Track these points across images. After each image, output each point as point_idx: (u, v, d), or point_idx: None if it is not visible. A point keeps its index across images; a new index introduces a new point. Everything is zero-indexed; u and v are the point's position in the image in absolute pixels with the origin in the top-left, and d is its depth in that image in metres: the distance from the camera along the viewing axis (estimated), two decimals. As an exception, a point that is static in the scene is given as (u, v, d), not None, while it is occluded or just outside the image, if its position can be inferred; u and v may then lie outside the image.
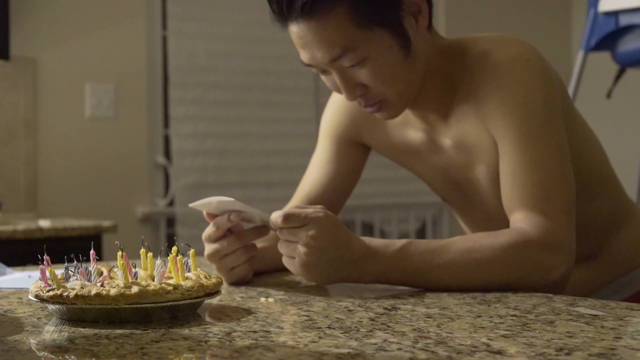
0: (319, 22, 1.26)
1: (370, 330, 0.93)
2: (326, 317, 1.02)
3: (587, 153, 1.44)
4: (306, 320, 1.00)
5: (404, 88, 1.34)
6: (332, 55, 1.28)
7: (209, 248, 1.29)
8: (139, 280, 1.03)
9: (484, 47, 1.34)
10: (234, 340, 0.89)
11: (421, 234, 4.30)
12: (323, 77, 1.36)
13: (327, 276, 1.22)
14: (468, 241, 1.24)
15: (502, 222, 1.34)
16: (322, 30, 1.27)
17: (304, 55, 1.31)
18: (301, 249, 1.19)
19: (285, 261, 1.23)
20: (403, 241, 1.24)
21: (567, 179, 1.28)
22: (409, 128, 1.46)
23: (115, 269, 1.06)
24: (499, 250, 1.22)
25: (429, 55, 1.36)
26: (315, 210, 1.20)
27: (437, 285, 1.22)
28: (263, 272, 1.42)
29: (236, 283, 1.32)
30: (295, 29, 1.29)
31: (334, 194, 1.55)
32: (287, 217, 1.19)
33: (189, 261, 1.11)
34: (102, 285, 0.99)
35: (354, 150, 1.56)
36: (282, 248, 1.22)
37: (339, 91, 1.35)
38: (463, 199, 1.50)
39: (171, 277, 1.06)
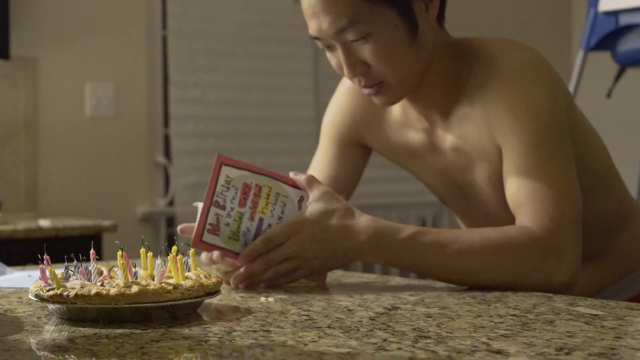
0: None
1: (370, 330, 0.93)
2: (326, 316, 1.02)
3: (589, 153, 1.44)
4: (306, 319, 1.00)
5: (404, 73, 1.34)
6: (338, 26, 1.29)
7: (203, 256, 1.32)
8: (139, 279, 1.03)
9: (492, 51, 1.35)
10: (234, 339, 0.89)
11: (421, 233, 4.29)
12: (328, 55, 1.37)
13: (336, 263, 1.27)
14: (475, 235, 1.25)
15: (503, 224, 1.34)
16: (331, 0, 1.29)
17: (312, 27, 1.33)
18: (295, 261, 1.25)
19: (296, 277, 1.27)
20: (409, 232, 1.25)
21: (574, 190, 1.28)
22: (409, 129, 1.46)
23: (115, 269, 1.06)
24: (504, 247, 1.23)
25: (435, 48, 1.36)
26: (288, 223, 1.24)
27: (439, 279, 1.26)
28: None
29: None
30: None
31: None
32: (268, 241, 1.24)
33: (188, 261, 1.11)
34: (102, 285, 0.99)
35: (355, 151, 1.56)
36: (280, 276, 1.27)
37: (342, 71, 1.36)
38: (463, 201, 1.49)
39: (171, 277, 1.06)
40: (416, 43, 1.33)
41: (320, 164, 1.57)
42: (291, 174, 1.28)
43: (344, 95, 1.53)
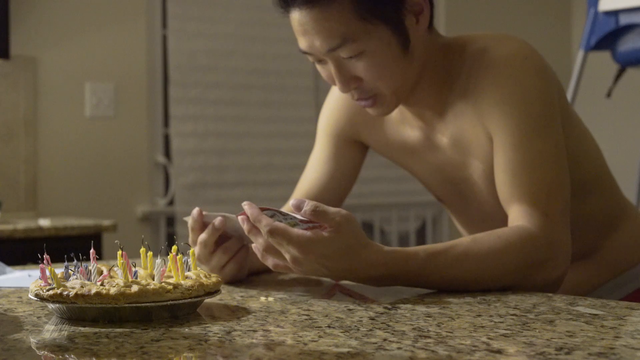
0: (321, 10, 1.27)
1: (370, 330, 0.93)
2: (326, 316, 1.02)
3: (582, 151, 1.44)
4: (306, 319, 1.00)
5: (398, 85, 1.34)
6: (331, 44, 1.29)
7: (197, 252, 1.28)
8: (139, 279, 1.03)
9: (481, 44, 1.35)
10: (234, 339, 0.89)
11: (421, 233, 4.30)
12: (319, 67, 1.37)
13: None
14: (475, 247, 1.21)
15: (498, 221, 1.34)
16: (323, 19, 1.27)
17: (303, 43, 1.32)
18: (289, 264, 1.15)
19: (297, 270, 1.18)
20: (418, 261, 1.18)
21: (564, 179, 1.29)
22: (405, 126, 1.46)
23: (115, 268, 1.06)
24: (509, 251, 1.21)
25: (426, 54, 1.36)
26: (303, 239, 1.12)
27: (448, 290, 1.21)
28: (262, 271, 1.41)
29: (230, 282, 1.31)
30: (297, 16, 1.30)
31: (333, 192, 1.55)
32: (273, 231, 1.12)
33: (188, 260, 1.11)
34: (102, 284, 0.99)
35: (352, 148, 1.56)
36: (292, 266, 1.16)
37: (333, 82, 1.35)
38: (459, 198, 1.49)
39: (171, 276, 1.06)
40: (408, 56, 1.33)
41: (317, 162, 1.57)
42: (291, 202, 1.14)
43: (340, 93, 1.53)
